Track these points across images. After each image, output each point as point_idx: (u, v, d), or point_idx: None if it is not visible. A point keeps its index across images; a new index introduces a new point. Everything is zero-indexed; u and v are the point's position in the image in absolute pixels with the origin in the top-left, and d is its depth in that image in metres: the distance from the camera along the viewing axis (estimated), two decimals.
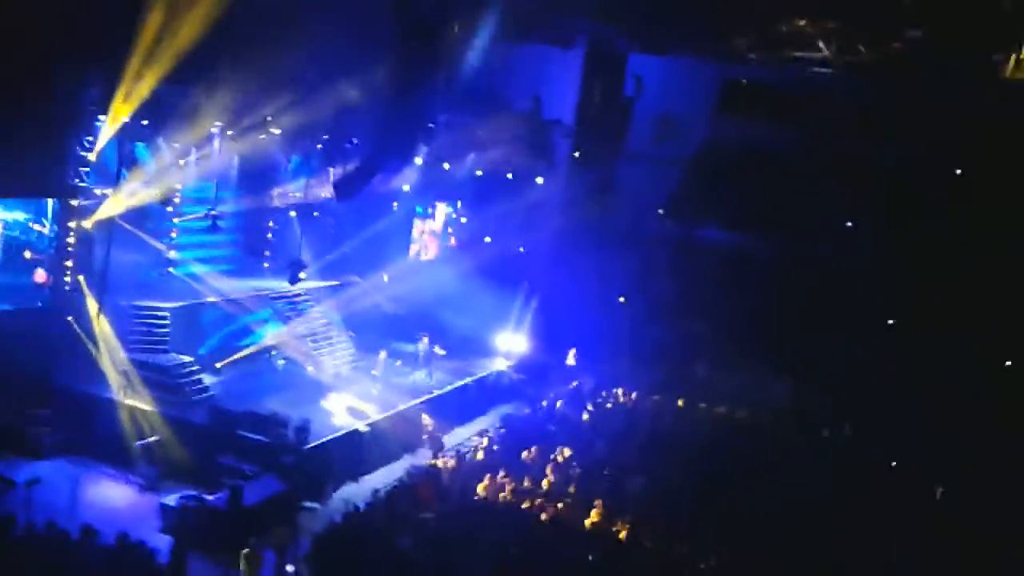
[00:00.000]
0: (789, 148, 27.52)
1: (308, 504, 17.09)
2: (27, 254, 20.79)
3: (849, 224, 27.63)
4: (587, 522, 16.60)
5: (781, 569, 15.09)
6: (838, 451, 21.92)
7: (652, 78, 30.07)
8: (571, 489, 17.86)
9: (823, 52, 26.89)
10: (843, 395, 24.12)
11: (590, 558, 14.94)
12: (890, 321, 26.59)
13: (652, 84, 30.09)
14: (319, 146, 25.98)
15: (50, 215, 20.80)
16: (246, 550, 13.81)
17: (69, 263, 20.06)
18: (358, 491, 18.01)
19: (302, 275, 24.68)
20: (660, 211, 30.15)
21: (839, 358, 25.15)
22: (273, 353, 23.43)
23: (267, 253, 26.85)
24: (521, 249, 30.19)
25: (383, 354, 24.43)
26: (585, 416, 22.91)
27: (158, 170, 21.77)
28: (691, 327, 27.15)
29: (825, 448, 22.13)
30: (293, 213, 26.87)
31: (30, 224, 21.13)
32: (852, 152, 26.55)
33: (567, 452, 19.42)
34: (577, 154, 30.59)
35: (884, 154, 26.19)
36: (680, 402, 23.94)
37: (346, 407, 20.70)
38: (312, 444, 18.23)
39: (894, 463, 20.91)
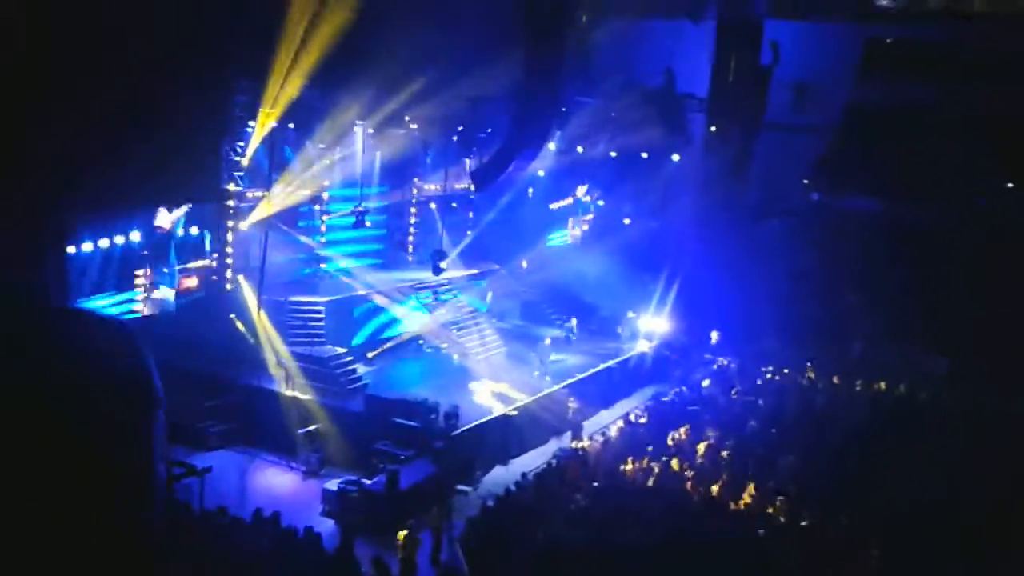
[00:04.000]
0: (939, 108, 25.88)
1: (460, 487, 17.55)
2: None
3: (1010, 185, 25.76)
4: (740, 503, 16.29)
5: (942, 551, 14.30)
6: (1001, 428, 20.54)
7: (789, 44, 28.90)
8: (722, 470, 17.53)
9: (971, 3, 25.15)
10: (1007, 369, 22.54)
11: (760, 532, 14.64)
12: None
13: (789, 50, 28.92)
14: (455, 138, 26.44)
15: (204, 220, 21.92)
16: (404, 532, 14.31)
17: (229, 263, 21.31)
18: (507, 474, 18.33)
19: (444, 265, 25.28)
20: (804, 181, 29.01)
21: (1000, 329, 23.51)
22: (420, 342, 24.13)
23: (410, 245, 27.62)
24: (659, 228, 29.76)
25: (548, 340, 24.65)
26: (733, 396, 22.42)
27: (305, 171, 22.76)
28: (841, 302, 26.03)
29: (987, 425, 20.77)
30: (433, 205, 27.53)
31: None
32: (1007, 108, 24.69)
33: (716, 433, 19.07)
34: (713, 128, 29.80)
35: None
36: (835, 379, 23.01)
37: (493, 392, 21.06)
38: (461, 429, 18.67)
39: None
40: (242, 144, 21.17)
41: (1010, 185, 25.69)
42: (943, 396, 22.40)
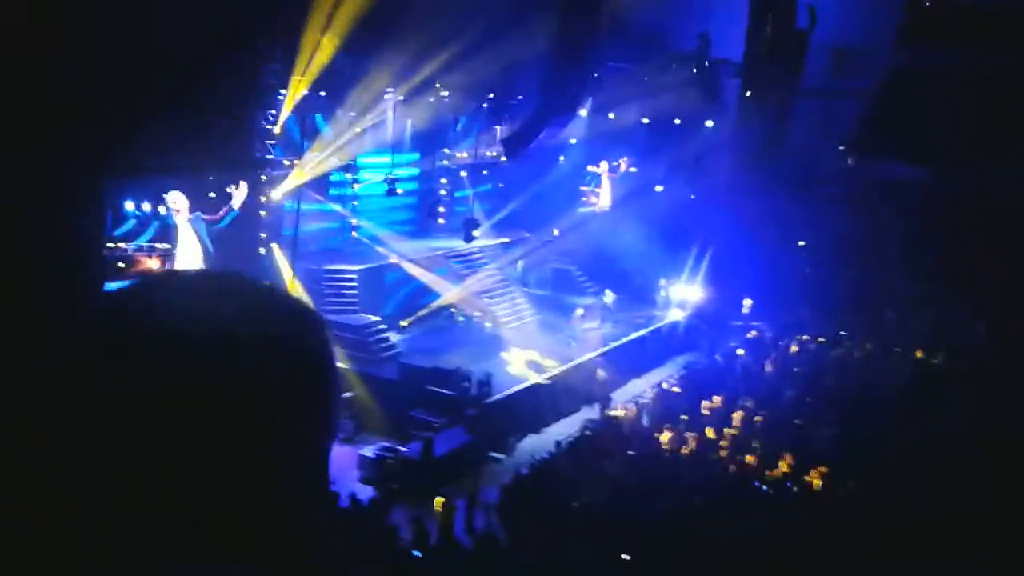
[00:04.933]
0: (983, 72, 25.21)
1: (494, 455, 17.63)
2: None
3: None
4: (776, 472, 16.21)
5: (985, 521, 14.12)
6: None
7: (826, 7, 28.28)
8: (756, 441, 17.44)
9: None
10: None
11: (794, 489, 14.61)
12: None
13: (826, 13, 28.30)
14: (486, 105, 26.25)
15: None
16: (440, 498, 14.42)
17: (262, 233, 21.35)
18: (541, 442, 18.38)
19: (476, 233, 25.24)
20: (841, 148, 28.51)
21: None
22: (453, 310, 24.15)
23: (442, 212, 27.56)
24: (693, 196, 29.45)
25: (580, 311, 24.61)
26: (767, 365, 22.26)
27: (336, 139, 22.71)
28: (878, 269, 25.65)
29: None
30: (464, 173, 27.41)
31: None
32: None
33: (752, 402, 18.96)
34: (748, 94, 29.31)
35: None
36: (868, 347, 22.75)
37: (526, 361, 21.07)
38: (494, 397, 18.72)
39: None
40: (274, 112, 21.11)
41: None
42: (981, 364, 22.07)
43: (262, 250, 21.21)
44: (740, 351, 23.36)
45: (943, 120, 24.89)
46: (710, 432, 17.90)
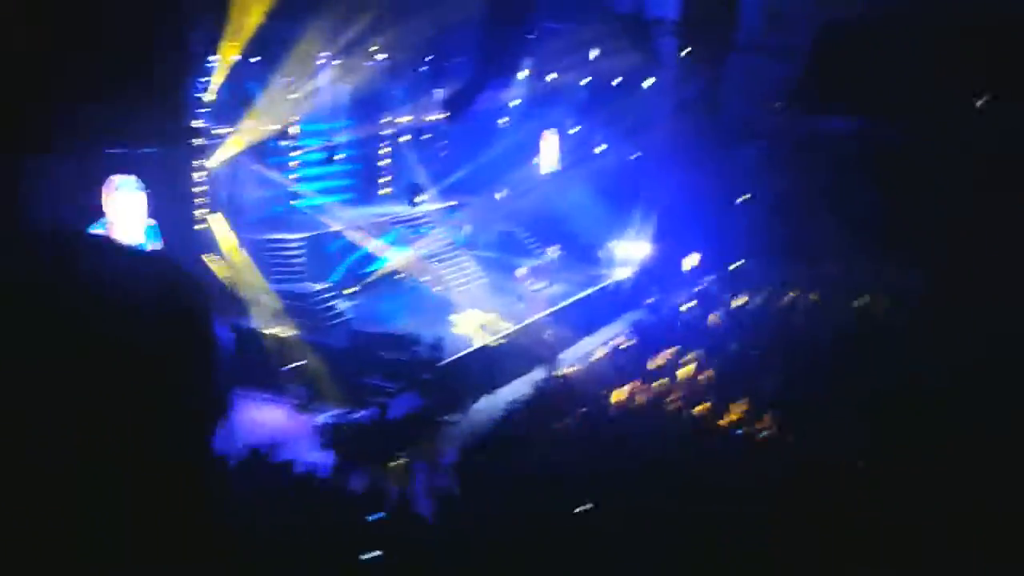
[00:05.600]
0: (913, 21, 25.69)
1: (449, 417, 17.64)
2: None
3: (987, 97, 25.76)
4: (726, 422, 16.53)
5: (937, 466, 14.58)
6: (982, 336, 20.95)
7: None
8: (707, 391, 17.75)
9: None
10: (988, 279, 22.88)
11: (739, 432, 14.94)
12: None
13: None
14: (425, 67, 25.91)
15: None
16: (397, 462, 14.40)
17: (201, 204, 20.84)
18: (495, 403, 18.43)
19: (420, 198, 25.04)
20: (777, 104, 28.88)
21: (975, 244, 23.77)
22: (400, 275, 23.98)
23: (385, 179, 27.21)
24: (635, 154, 29.61)
25: (522, 268, 24.61)
26: (714, 318, 22.60)
27: (272, 106, 22.21)
28: (819, 222, 26.16)
29: (971, 333, 21.16)
30: (407, 137, 27.07)
31: None
32: (984, 18, 24.56)
33: (701, 354, 19.26)
34: (684, 52, 29.48)
35: None
36: (814, 297, 23.22)
37: (477, 323, 21.06)
38: (446, 360, 18.69)
39: None
40: (205, 80, 20.56)
41: (987, 97, 25.69)
42: (920, 310, 22.73)
43: (202, 222, 20.73)
44: (687, 305, 23.65)
45: (875, 71, 25.36)
46: (660, 385, 18.16)
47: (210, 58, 20.28)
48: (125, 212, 18.27)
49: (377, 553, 9.99)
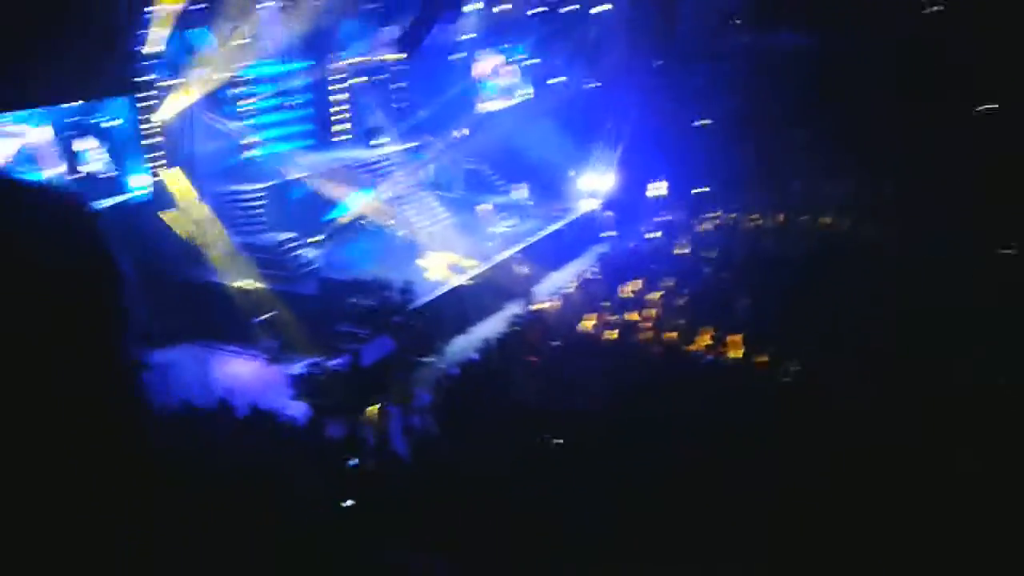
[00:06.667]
0: None
1: (423, 359, 17.67)
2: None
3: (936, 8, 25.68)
4: (696, 346, 16.71)
5: (901, 378, 14.85)
6: (944, 247, 21.23)
7: None
8: (677, 318, 17.90)
9: None
10: (950, 190, 23.06)
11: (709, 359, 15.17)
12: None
13: None
14: (375, 5, 25.26)
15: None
16: (373, 407, 14.45)
17: (154, 158, 20.37)
18: (468, 342, 18.49)
19: (380, 140, 24.64)
20: (736, 21, 28.59)
21: (935, 157, 23.89)
22: (365, 221, 23.72)
23: (342, 123, 26.67)
24: (594, 84, 29.27)
25: (488, 206, 24.42)
26: (682, 245, 22.67)
27: (220, 53, 21.59)
28: (781, 140, 26.13)
29: (933, 245, 21.42)
30: (362, 79, 26.48)
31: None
32: None
33: (670, 283, 19.37)
34: None
35: None
36: (781, 217, 23.33)
37: (446, 264, 20.97)
38: (418, 303, 18.64)
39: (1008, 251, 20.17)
40: (149, 31, 19.90)
41: (936, 8, 25.60)
42: (883, 227, 22.93)
43: (160, 174, 20.30)
44: (654, 234, 23.69)
45: None
46: (631, 315, 18.29)
47: (152, 7, 19.60)
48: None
49: (352, 502, 10.08)
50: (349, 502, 9.75)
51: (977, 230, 21.90)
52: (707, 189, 25.62)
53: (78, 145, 19.62)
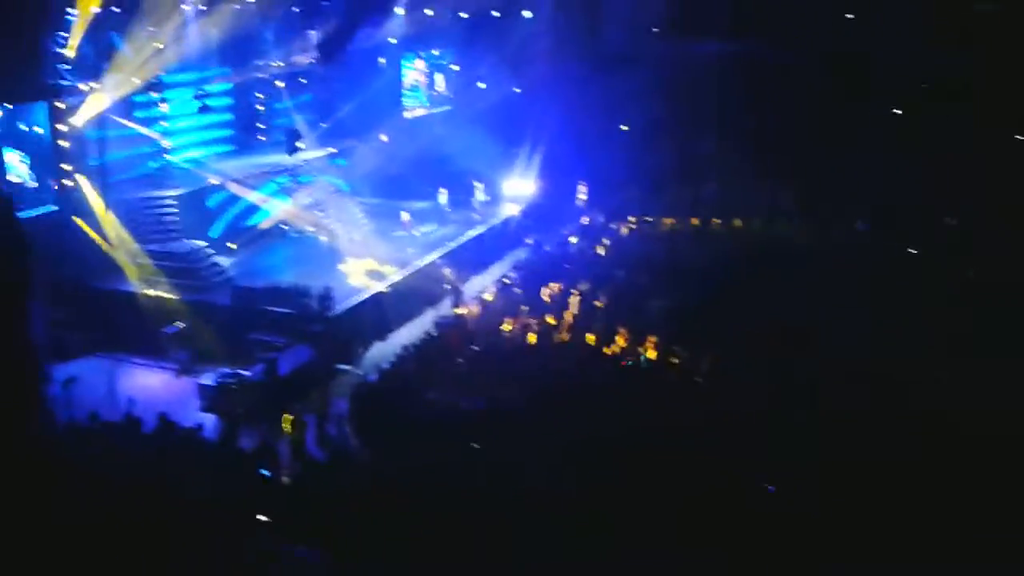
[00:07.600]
0: None
1: (341, 367, 17.54)
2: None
3: (850, 16, 26.47)
4: (613, 348, 16.97)
5: (816, 376, 15.25)
6: (856, 247, 21.99)
7: None
8: (595, 320, 18.16)
9: None
10: (858, 193, 23.87)
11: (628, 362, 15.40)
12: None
13: None
14: (296, 9, 25.03)
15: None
16: (289, 417, 14.29)
17: (67, 165, 19.84)
18: (388, 349, 18.43)
19: (300, 145, 24.39)
20: (655, 30, 29.09)
21: (844, 162, 24.71)
22: (284, 227, 23.47)
23: (261, 128, 26.34)
24: (517, 90, 29.46)
25: (406, 215, 24.35)
26: (600, 249, 22.97)
27: (137, 57, 21.13)
28: (697, 147, 26.70)
29: (843, 245, 22.17)
30: (281, 84, 26.20)
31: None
32: None
33: (586, 286, 19.61)
34: None
35: None
36: (695, 221, 23.84)
37: (365, 270, 20.84)
38: (336, 310, 18.49)
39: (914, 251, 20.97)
40: (65, 34, 19.39)
41: (850, 16, 26.39)
42: (794, 228, 23.65)
43: (67, 182, 19.77)
44: (573, 238, 23.95)
45: None
46: (550, 319, 18.48)
47: (70, 10, 19.11)
48: None
49: (269, 510, 9.99)
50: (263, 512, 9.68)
51: (887, 230, 22.78)
52: (627, 192, 26.02)
53: None
